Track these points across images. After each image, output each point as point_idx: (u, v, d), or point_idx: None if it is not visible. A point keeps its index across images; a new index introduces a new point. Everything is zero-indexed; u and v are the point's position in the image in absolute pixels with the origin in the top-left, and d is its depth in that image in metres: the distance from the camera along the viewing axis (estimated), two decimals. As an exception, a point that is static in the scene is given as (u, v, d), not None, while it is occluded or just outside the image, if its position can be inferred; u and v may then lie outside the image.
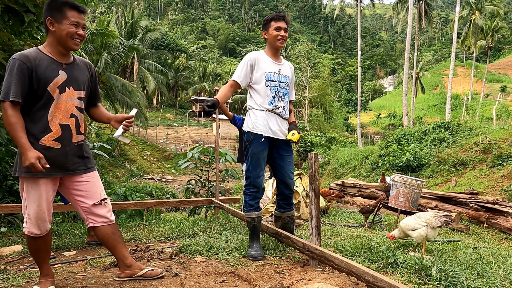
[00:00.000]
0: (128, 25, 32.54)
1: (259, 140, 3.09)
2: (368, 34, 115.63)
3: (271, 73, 3.15)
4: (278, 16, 3.14)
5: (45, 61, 2.22)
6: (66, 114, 2.29)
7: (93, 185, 2.42)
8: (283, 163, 3.21)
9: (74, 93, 2.33)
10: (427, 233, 3.34)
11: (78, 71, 2.38)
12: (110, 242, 2.46)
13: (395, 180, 4.87)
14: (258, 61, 3.14)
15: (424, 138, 18.46)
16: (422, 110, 50.67)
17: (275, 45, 3.17)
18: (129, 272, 2.50)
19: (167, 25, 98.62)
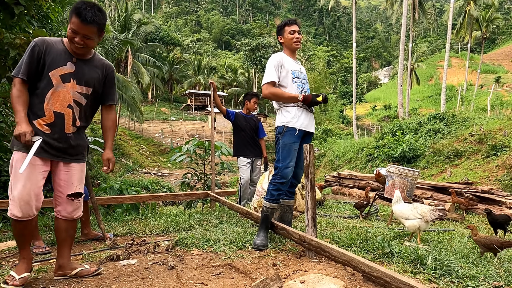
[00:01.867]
0: (121, 18, 32.19)
1: (292, 133, 3.26)
2: (363, 26, 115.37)
3: (296, 71, 3.42)
4: (290, 21, 3.47)
5: (59, 50, 2.35)
6: (63, 103, 2.35)
7: (72, 177, 2.46)
8: (300, 153, 3.37)
9: (76, 87, 2.40)
10: (420, 225, 3.37)
11: (90, 69, 2.47)
12: (60, 237, 2.51)
13: (390, 171, 4.88)
14: (283, 61, 3.38)
15: (419, 129, 18.52)
16: (417, 102, 50.80)
17: (292, 47, 3.46)
18: (61, 272, 2.49)
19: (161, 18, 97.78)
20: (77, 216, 2.54)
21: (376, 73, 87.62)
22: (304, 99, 3.23)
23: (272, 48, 51.22)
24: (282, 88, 3.36)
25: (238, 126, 5.60)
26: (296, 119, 3.28)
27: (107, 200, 4.81)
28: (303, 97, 3.23)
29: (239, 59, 69.52)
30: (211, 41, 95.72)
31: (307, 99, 3.23)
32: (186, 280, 2.38)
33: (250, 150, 5.55)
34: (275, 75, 3.33)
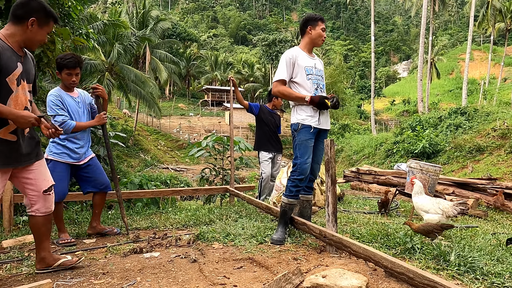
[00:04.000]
0: (139, 15, 32.55)
1: (307, 130, 3.26)
2: (381, 19, 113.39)
3: (310, 67, 3.37)
4: (323, 18, 3.45)
5: (7, 52, 2.20)
6: (21, 106, 2.30)
7: (40, 173, 2.47)
8: (316, 149, 3.39)
9: (26, 86, 2.35)
10: (439, 220, 3.33)
11: (29, 64, 2.41)
12: (39, 232, 2.51)
13: (411, 166, 4.81)
14: (297, 57, 3.34)
15: (440, 124, 18.17)
16: (437, 96, 49.77)
17: (316, 43, 3.43)
18: (44, 264, 2.52)
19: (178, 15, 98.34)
20: (52, 208, 2.56)
21: (395, 67, 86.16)
22: (311, 100, 3.19)
23: (289, 43, 50.91)
24: (296, 85, 3.33)
25: (262, 120, 5.56)
26: (311, 117, 3.27)
27: (129, 194, 4.91)
28: (310, 98, 3.20)
29: (256, 54, 69.38)
30: (228, 37, 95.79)
31: (314, 100, 3.20)
32: (209, 273, 2.42)
33: (272, 145, 5.54)
34: (286, 72, 3.29)
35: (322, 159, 3.54)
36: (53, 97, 3.38)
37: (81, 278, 2.38)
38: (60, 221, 3.48)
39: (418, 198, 3.50)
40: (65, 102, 3.40)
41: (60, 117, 3.32)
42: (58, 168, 3.38)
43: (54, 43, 4.34)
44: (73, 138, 3.43)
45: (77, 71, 3.39)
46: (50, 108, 3.34)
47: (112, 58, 24.02)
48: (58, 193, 3.29)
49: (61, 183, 3.35)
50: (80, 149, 3.49)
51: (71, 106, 3.44)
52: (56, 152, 3.40)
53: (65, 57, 3.36)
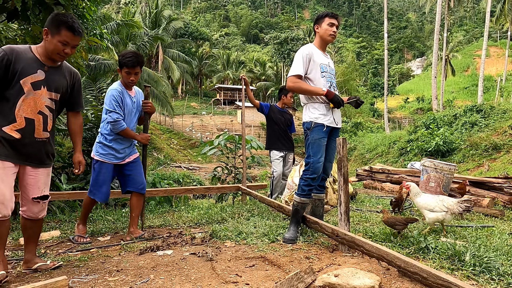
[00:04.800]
0: (152, 15, 32.85)
1: (320, 129, 3.25)
2: (395, 16, 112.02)
3: (325, 65, 3.37)
4: (332, 13, 3.39)
5: (28, 58, 2.41)
6: (34, 109, 2.42)
7: (38, 181, 2.52)
8: (328, 147, 3.38)
9: (47, 93, 2.48)
10: (444, 218, 3.31)
11: (59, 76, 2.54)
12: (26, 234, 2.62)
13: (425, 165, 4.75)
14: (313, 53, 3.32)
15: (455, 122, 17.87)
16: (452, 93, 48.99)
17: (326, 39, 3.39)
18: (26, 265, 2.60)
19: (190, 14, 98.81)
20: (42, 216, 2.62)
21: (409, 64, 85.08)
22: (327, 93, 3.18)
23: (301, 41, 50.67)
24: (310, 81, 3.32)
25: (272, 119, 5.59)
26: (324, 115, 3.26)
27: (142, 192, 4.95)
28: (327, 91, 3.18)
29: (268, 53, 69.27)
30: (240, 35, 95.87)
31: (330, 94, 3.18)
32: (221, 271, 2.43)
33: (283, 144, 5.55)
34: (302, 68, 3.27)
35: (335, 158, 3.53)
36: (115, 92, 3.36)
37: (95, 275, 2.42)
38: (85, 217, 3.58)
39: (420, 197, 3.45)
40: (124, 101, 3.40)
41: (115, 114, 3.31)
42: (104, 169, 3.42)
43: (69, 44, 4.41)
44: (120, 139, 3.44)
45: (137, 70, 3.39)
46: (110, 101, 3.32)
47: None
48: (104, 194, 3.44)
49: (106, 184, 3.44)
50: (125, 149, 3.50)
51: (128, 106, 3.45)
52: (102, 153, 3.41)
53: (126, 55, 3.34)
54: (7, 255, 2.98)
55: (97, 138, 3.49)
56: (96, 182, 3.44)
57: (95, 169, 3.45)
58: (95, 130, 6.81)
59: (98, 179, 3.43)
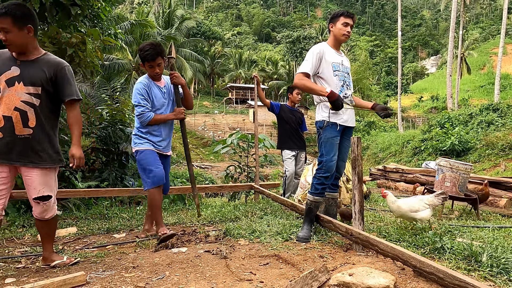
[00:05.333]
0: (165, 14, 33.10)
1: (333, 127, 3.25)
2: (409, 14, 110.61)
3: (337, 64, 3.34)
4: (348, 13, 3.36)
5: (4, 58, 2.45)
6: (10, 106, 2.38)
7: (33, 181, 2.48)
8: (341, 146, 3.38)
9: (23, 88, 2.41)
10: (429, 214, 3.32)
11: (35, 69, 2.46)
12: (40, 233, 2.67)
13: (441, 164, 4.69)
14: (324, 52, 3.30)
15: (470, 121, 17.60)
16: (467, 92, 48.12)
17: (339, 39, 3.37)
18: (45, 262, 2.65)
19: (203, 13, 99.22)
20: (49, 217, 2.58)
21: (423, 62, 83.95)
22: (329, 95, 3.09)
23: (313, 40, 50.42)
24: (322, 80, 3.30)
25: (282, 119, 5.60)
26: (336, 114, 3.25)
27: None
28: (330, 93, 3.10)
29: (280, 52, 69.16)
30: (252, 34, 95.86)
31: (332, 96, 3.10)
32: (235, 269, 2.45)
33: (294, 143, 5.55)
34: (311, 67, 3.24)
35: (348, 157, 3.52)
36: (141, 85, 3.27)
37: (112, 271, 2.46)
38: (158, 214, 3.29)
39: (401, 201, 3.39)
40: (151, 93, 3.30)
41: (139, 108, 3.22)
42: (146, 154, 3.27)
43: (85, 44, 4.48)
44: (154, 131, 3.33)
45: (159, 61, 3.26)
46: (134, 95, 3.25)
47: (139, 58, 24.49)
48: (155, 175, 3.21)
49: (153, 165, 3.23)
50: (161, 142, 3.39)
51: (157, 97, 3.34)
52: (140, 142, 3.31)
53: (144, 49, 3.23)
54: (26, 251, 3.06)
55: (133, 131, 3.41)
56: (144, 169, 3.26)
57: (138, 160, 3.30)
58: (110, 129, 6.91)
59: (144, 167, 3.26)
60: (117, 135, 6.98)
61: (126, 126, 7.21)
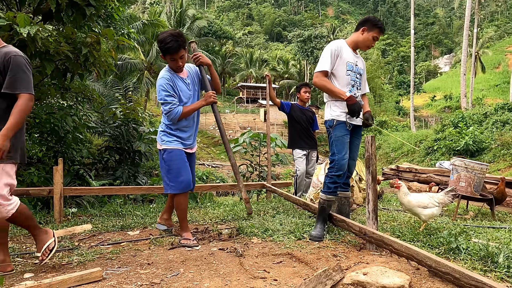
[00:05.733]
0: (176, 14, 33.28)
1: (343, 126, 3.25)
2: (422, 12, 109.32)
3: (352, 63, 3.32)
4: (383, 29, 3.37)
5: None
6: None
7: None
8: (351, 144, 3.38)
9: None
10: (437, 212, 3.29)
11: None
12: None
13: (455, 164, 4.63)
14: (342, 50, 3.29)
15: (485, 120, 17.33)
16: (482, 91, 47.37)
17: (361, 46, 3.38)
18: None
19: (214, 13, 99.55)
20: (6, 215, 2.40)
21: (436, 61, 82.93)
22: (349, 99, 3.13)
23: (325, 39, 50.19)
24: (333, 77, 3.29)
25: (293, 118, 5.58)
26: (345, 113, 3.24)
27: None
28: (350, 97, 3.14)
29: (291, 51, 69.00)
30: (263, 34, 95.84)
31: (351, 101, 3.13)
32: (249, 266, 2.46)
33: (305, 142, 5.53)
34: (329, 64, 3.22)
35: (358, 155, 3.52)
36: (163, 80, 3.05)
37: (128, 268, 2.50)
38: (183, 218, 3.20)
39: (412, 196, 3.38)
40: (176, 87, 3.09)
41: (166, 105, 3.02)
42: (175, 155, 3.09)
43: (100, 43, 4.53)
44: (183, 127, 3.16)
45: (181, 53, 3.03)
46: (159, 93, 3.05)
47: (151, 57, 24.73)
48: (183, 182, 3.06)
49: (183, 170, 3.08)
50: (190, 138, 3.23)
51: (183, 91, 3.14)
52: (169, 140, 3.12)
53: (165, 41, 2.97)
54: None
55: (160, 127, 3.23)
56: (170, 172, 3.08)
57: (165, 160, 3.12)
58: (123, 127, 6.99)
59: (171, 169, 3.08)
60: (130, 133, 7.06)
61: (138, 125, 7.30)
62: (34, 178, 5.53)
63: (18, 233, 3.64)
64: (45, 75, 4.67)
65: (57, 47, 4.19)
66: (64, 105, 6.07)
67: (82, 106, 6.52)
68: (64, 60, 4.52)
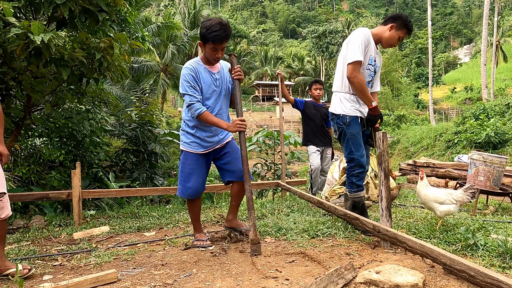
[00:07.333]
0: (190, 15, 33.50)
1: (356, 121, 3.20)
2: (439, 2, 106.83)
3: (373, 58, 3.22)
4: (411, 31, 3.27)
5: None
6: None
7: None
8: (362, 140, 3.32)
9: None
10: (454, 210, 3.20)
11: None
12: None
13: (473, 158, 4.52)
14: (369, 43, 3.15)
15: (508, 111, 16.84)
16: (504, 81, 45.99)
17: (385, 43, 3.25)
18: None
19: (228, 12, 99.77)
20: (4, 216, 2.48)
21: (455, 52, 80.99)
22: (373, 108, 3.12)
23: (339, 34, 49.65)
24: None
25: (307, 115, 5.55)
26: (355, 106, 3.20)
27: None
28: (375, 107, 3.12)
29: (306, 47, 68.58)
30: (277, 31, 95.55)
31: (375, 111, 3.13)
32: (261, 266, 2.46)
33: (319, 139, 5.49)
34: (361, 53, 3.03)
35: (370, 150, 3.49)
36: (187, 70, 2.85)
37: (142, 269, 2.54)
38: (196, 220, 3.17)
39: (429, 190, 3.28)
40: (199, 78, 2.86)
41: (188, 97, 2.82)
42: (189, 160, 2.97)
43: (113, 48, 4.60)
44: (203, 125, 2.93)
45: (224, 45, 2.82)
46: (181, 83, 2.88)
47: (166, 59, 24.97)
48: (190, 188, 2.97)
49: (194, 177, 2.96)
50: (212, 137, 2.99)
51: (206, 83, 2.89)
52: (186, 142, 2.98)
53: (212, 28, 2.73)
54: (62, 249, 3.20)
55: (181, 125, 3.09)
56: (180, 176, 3.02)
57: (180, 161, 3.03)
58: (139, 130, 7.10)
59: (183, 172, 3.00)
60: (145, 136, 7.16)
61: (154, 127, 7.39)
62: (55, 182, 5.69)
63: (39, 235, 3.74)
64: (61, 81, 4.78)
65: (72, 53, 4.28)
66: (82, 110, 6.21)
67: (99, 110, 6.65)
68: (79, 66, 4.61)
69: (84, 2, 4.36)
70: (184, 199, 4.57)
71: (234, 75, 2.93)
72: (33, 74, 4.59)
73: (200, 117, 2.81)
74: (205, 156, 3.02)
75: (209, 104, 2.91)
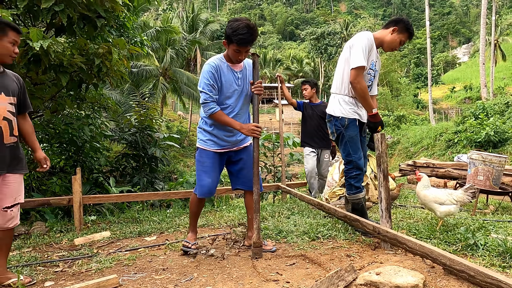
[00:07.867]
0: (189, 19, 33.55)
1: (354, 123, 3.22)
2: (436, 2, 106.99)
3: (374, 62, 3.22)
4: (413, 36, 3.25)
5: None
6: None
7: (13, 189, 2.49)
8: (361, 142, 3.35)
9: (5, 98, 2.46)
10: (454, 210, 3.18)
11: (9, 80, 2.52)
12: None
13: (472, 157, 4.53)
14: (372, 45, 3.15)
15: (507, 110, 16.85)
16: (503, 80, 46.04)
17: (386, 47, 3.24)
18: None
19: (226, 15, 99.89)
20: (13, 225, 2.51)
21: (454, 51, 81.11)
22: (374, 115, 3.13)
23: (338, 35, 49.73)
24: None
25: (304, 116, 5.53)
26: (354, 109, 3.21)
27: (185, 193, 5.11)
28: (375, 114, 3.14)
29: (304, 49, 68.66)
30: (275, 33, 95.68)
31: (375, 119, 3.15)
32: (262, 269, 2.47)
33: (315, 141, 5.39)
34: (365, 58, 3.01)
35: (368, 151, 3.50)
36: (208, 67, 2.78)
37: (143, 274, 2.55)
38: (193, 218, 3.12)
39: (429, 190, 3.28)
40: (221, 76, 2.80)
41: (204, 95, 2.75)
42: (204, 157, 2.92)
43: (112, 53, 4.62)
44: (220, 125, 2.87)
45: (248, 48, 2.76)
46: (200, 79, 2.82)
47: (165, 63, 25.02)
48: (203, 187, 2.90)
49: (207, 176, 2.90)
50: (230, 137, 2.93)
51: (228, 82, 2.82)
52: (203, 139, 2.94)
53: (239, 31, 2.67)
54: (63, 255, 3.20)
55: (199, 123, 3.03)
56: (197, 174, 2.97)
57: (196, 159, 2.98)
58: (138, 134, 7.11)
59: (198, 169, 2.95)
60: (145, 140, 7.18)
61: (154, 131, 7.41)
62: (56, 188, 5.69)
63: (40, 242, 3.74)
64: (60, 87, 4.80)
65: (71, 59, 4.30)
66: (81, 115, 6.22)
67: (99, 115, 6.66)
68: (78, 72, 4.63)
69: (82, 8, 4.38)
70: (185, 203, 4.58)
71: (253, 90, 2.84)
72: (32, 81, 4.62)
73: (212, 116, 2.76)
74: (220, 155, 2.96)
75: (229, 103, 2.85)
